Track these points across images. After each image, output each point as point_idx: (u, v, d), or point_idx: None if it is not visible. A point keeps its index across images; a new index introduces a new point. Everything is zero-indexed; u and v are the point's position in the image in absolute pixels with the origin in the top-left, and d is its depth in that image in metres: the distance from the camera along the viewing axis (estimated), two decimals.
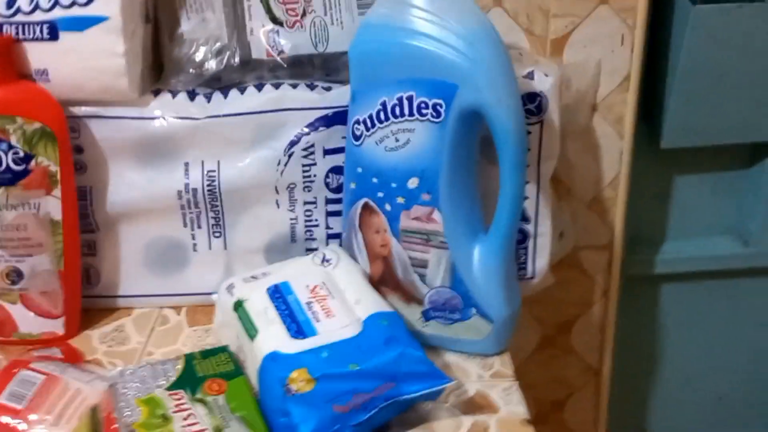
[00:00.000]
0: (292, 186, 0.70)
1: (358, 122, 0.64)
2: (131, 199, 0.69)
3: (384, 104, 0.62)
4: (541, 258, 0.73)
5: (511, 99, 0.59)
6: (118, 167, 0.69)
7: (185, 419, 0.55)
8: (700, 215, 0.98)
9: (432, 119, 0.60)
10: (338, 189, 0.70)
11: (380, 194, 0.64)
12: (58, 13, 0.61)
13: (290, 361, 0.55)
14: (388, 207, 0.64)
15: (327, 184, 0.70)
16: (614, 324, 0.92)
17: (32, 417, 0.55)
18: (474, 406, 0.60)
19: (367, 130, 0.63)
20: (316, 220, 0.72)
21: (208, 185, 0.69)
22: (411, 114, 0.61)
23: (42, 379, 0.58)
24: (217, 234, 0.72)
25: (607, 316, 0.92)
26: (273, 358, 0.56)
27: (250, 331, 0.59)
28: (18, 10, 0.61)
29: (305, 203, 0.71)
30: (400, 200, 0.63)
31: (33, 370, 0.58)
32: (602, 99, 0.81)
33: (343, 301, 0.61)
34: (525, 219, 0.70)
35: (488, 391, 0.61)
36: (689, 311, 1.01)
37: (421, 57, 0.59)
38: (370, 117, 0.63)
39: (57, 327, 0.68)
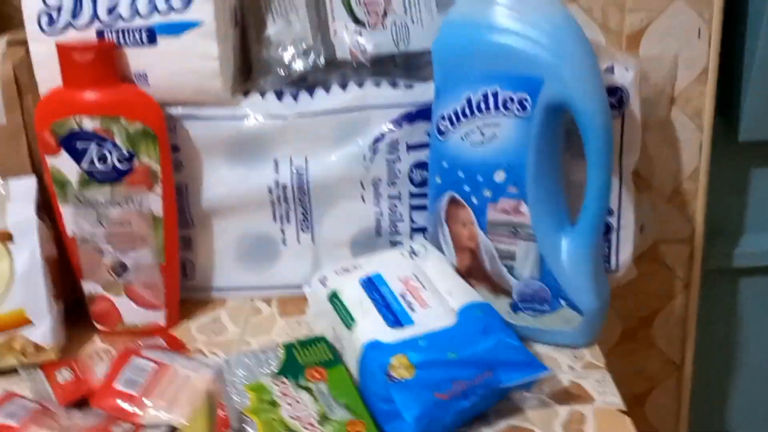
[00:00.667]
0: (377, 181, 0.72)
1: (442, 118, 0.65)
2: (224, 196, 0.72)
3: (469, 100, 0.63)
4: (624, 251, 0.73)
5: (597, 93, 0.60)
6: (212, 165, 0.71)
7: (291, 405, 0.57)
8: None
9: (517, 114, 0.61)
10: (422, 184, 0.72)
11: (466, 188, 0.66)
12: (156, 19, 0.64)
13: (390, 350, 0.57)
14: (474, 200, 0.65)
15: (411, 179, 0.72)
16: (695, 317, 0.92)
17: (147, 402, 0.58)
18: (568, 396, 0.60)
19: (452, 125, 0.65)
20: (401, 214, 0.73)
21: (297, 181, 0.71)
22: (496, 109, 0.62)
23: (153, 367, 0.60)
24: (306, 228, 0.74)
25: (689, 310, 0.91)
26: (373, 346, 0.58)
27: (347, 321, 0.61)
28: (118, 17, 0.64)
29: (390, 198, 0.73)
30: (486, 193, 0.65)
31: (144, 357, 0.61)
32: (680, 92, 0.81)
33: (435, 292, 0.63)
34: (608, 212, 0.71)
35: (581, 381, 0.62)
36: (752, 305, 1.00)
37: (506, 52, 0.61)
38: (455, 112, 0.64)
39: (159, 318, 0.71)
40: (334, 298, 0.64)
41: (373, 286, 0.64)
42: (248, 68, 0.73)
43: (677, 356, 0.95)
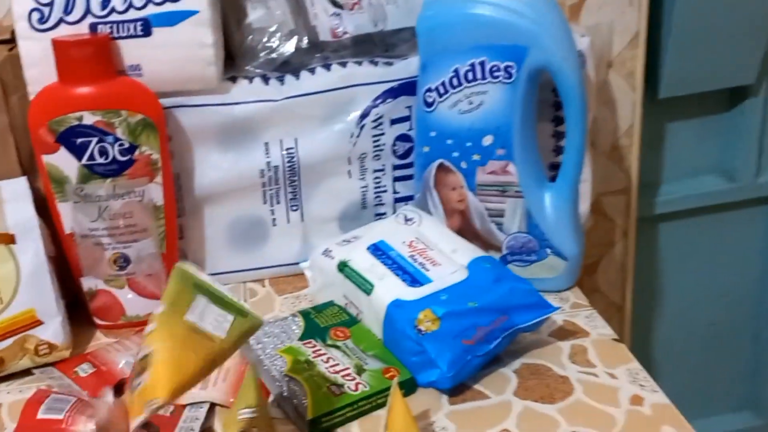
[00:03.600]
0: (363, 156, 0.76)
1: (429, 90, 0.70)
2: (216, 182, 0.74)
3: (456, 71, 0.68)
4: (584, 202, 0.80)
5: (574, 56, 0.66)
6: (203, 152, 0.73)
7: (326, 362, 0.60)
8: (688, 158, 1.08)
9: (504, 81, 0.67)
10: (404, 155, 0.76)
11: (455, 154, 0.71)
12: (150, 10, 0.65)
13: (414, 306, 0.62)
14: (464, 165, 0.71)
15: (394, 152, 0.76)
16: (633, 262, 1.01)
17: None
18: (566, 332, 0.67)
19: (440, 96, 0.70)
20: (385, 186, 0.78)
21: (288, 162, 0.74)
22: (483, 78, 0.68)
23: None
24: (295, 207, 0.77)
25: (627, 256, 1.01)
26: (397, 305, 0.62)
27: (365, 286, 0.65)
28: (112, 10, 0.65)
29: (374, 171, 0.77)
30: (475, 157, 0.70)
31: None
32: (615, 56, 0.90)
33: (440, 251, 0.67)
34: None
35: (573, 319, 0.69)
36: (684, 246, 1.11)
37: (491, 24, 0.66)
38: (443, 84, 0.69)
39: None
40: (344, 268, 0.67)
41: (381, 252, 0.68)
42: (228, 55, 0.75)
43: (618, 298, 1.04)
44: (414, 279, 0.64)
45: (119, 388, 0.61)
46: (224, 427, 0.57)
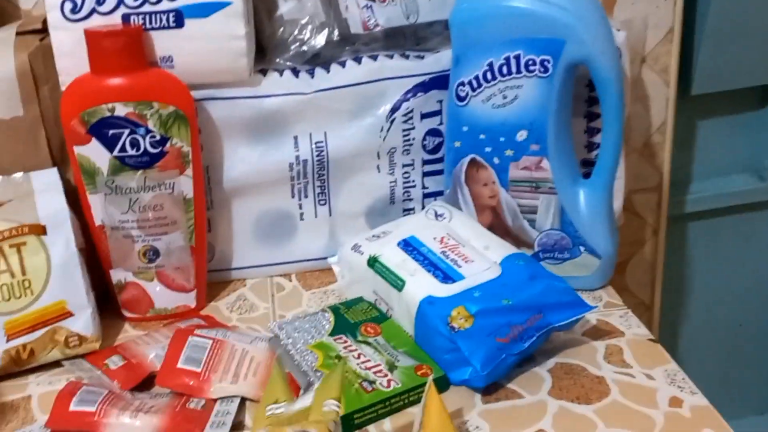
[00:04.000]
0: (392, 151, 0.75)
1: (462, 84, 0.69)
2: (244, 175, 0.73)
3: (491, 65, 0.67)
4: (617, 200, 0.79)
5: (612, 50, 0.65)
6: (233, 145, 0.72)
7: (357, 358, 0.60)
8: (719, 156, 1.06)
9: (540, 75, 0.66)
10: (434, 150, 0.76)
11: (488, 149, 0.70)
12: (183, 1, 0.64)
13: (447, 303, 0.61)
14: (496, 160, 0.70)
15: (424, 146, 0.75)
16: (663, 261, 1.00)
17: (213, 377, 0.59)
18: (601, 332, 0.66)
19: (473, 90, 0.69)
20: (414, 181, 0.77)
21: (317, 156, 0.73)
22: (518, 72, 0.66)
23: (210, 344, 0.62)
24: (323, 202, 0.76)
25: (657, 254, 0.99)
26: (430, 301, 0.61)
27: (396, 282, 0.64)
28: (145, 1, 0.64)
29: (404, 166, 0.76)
30: (508, 153, 0.69)
31: (200, 336, 0.62)
32: (649, 51, 0.88)
33: (472, 248, 0.66)
34: None
35: (607, 318, 0.68)
36: (714, 245, 1.10)
37: (527, 17, 0.65)
38: (476, 78, 0.68)
39: (189, 300, 0.72)
40: (375, 263, 0.67)
41: (412, 247, 0.67)
42: (258, 47, 0.74)
43: (647, 298, 1.03)
44: (446, 275, 0.63)
45: (144, 385, 0.61)
46: (254, 421, 0.56)
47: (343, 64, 0.73)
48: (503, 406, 0.58)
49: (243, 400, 0.60)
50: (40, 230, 0.64)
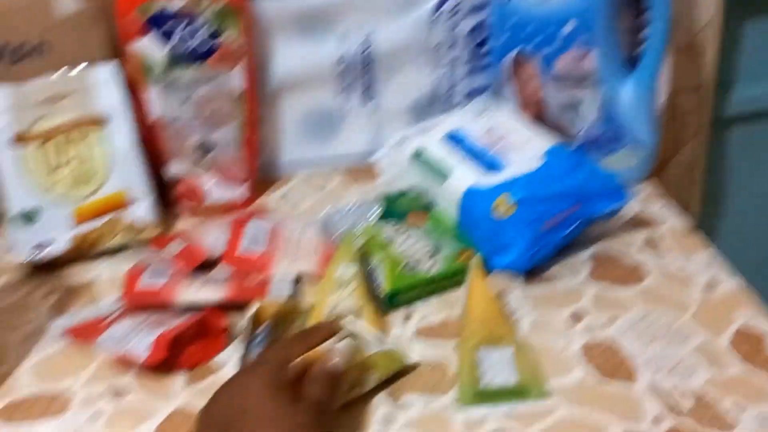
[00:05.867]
0: (438, 46, 0.76)
1: None
2: (293, 71, 0.75)
3: None
4: (661, 97, 0.79)
5: None
6: (281, 41, 0.74)
7: (403, 243, 0.63)
8: (765, 58, 1.04)
9: None
10: (480, 45, 0.76)
11: (534, 43, 0.70)
12: None
13: (491, 192, 0.63)
14: (542, 54, 0.70)
15: (470, 41, 0.76)
16: (703, 163, 1.00)
17: (274, 257, 0.63)
18: (641, 221, 0.68)
19: None
20: (459, 77, 0.78)
21: (364, 51, 0.75)
22: None
23: (268, 228, 0.65)
24: (368, 98, 0.78)
25: (697, 156, 0.99)
26: (473, 191, 0.63)
27: (440, 173, 0.66)
28: None
29: (449, 61, 0.77)
30: (555, 46, 0.69)
31: (258, 221, 0.66)
32: None
33: (516, 140, 0.68)
34: None
35: (648, 209, 0.70)
36: (755, 150, 1.09)
37: None
38: None
39: (241, 193, 0.75)
40: (419, 157, 0.69)
41: (456, 140, 0.69)
42: None
43: (685, 201, 1.04)
44: (490, 166, 0.65)
45: (207, 265, 0.65)
46: (324, 281, 0.59)
47: None
48: (543, 290, 0.61)
49: (297, 278, 0.63)
50: (100, 122, 0.67)
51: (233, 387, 0.46)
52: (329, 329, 0.51)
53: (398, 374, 0.53)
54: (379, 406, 0.51)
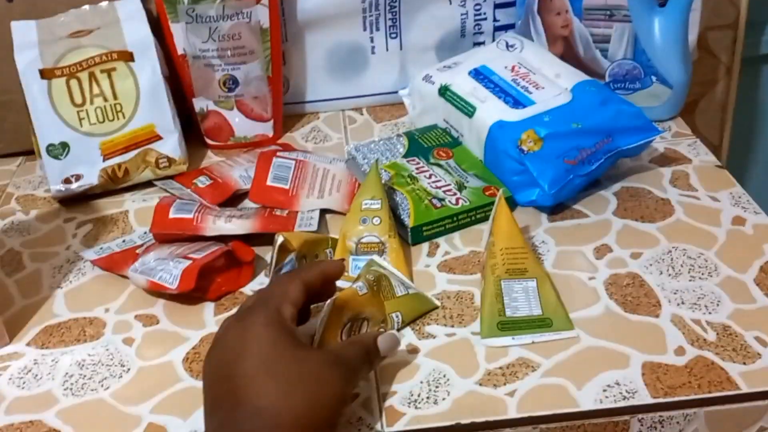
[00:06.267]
0: None
1: None
2: (317, 7, 0.74)
3: None
4: (692, 33, 0.78)
5: None
6: None
7: (428, 178, 0.63)
8: None
9: None
10: None
11: None
12: None
13: (517, 127, 0.62)
14: None
15: None
16: (734, 101, 0.98)
17: (301, 192, 0.63)
18: (668, 159, 0.67)
19: None
20: (485, 13, 0.77)
21: None
22: None
23: (293, 164, 0.65)
24: (394, 35, 0.77)
25: (729, 95, 0.98)
26: (500, 126, 0.63)
27: (466, 109, 0.66)
28: None
29: None
30: None
31: (283, 157, 0.66)
32: None
33: (543, 76, 0.67)
34: None
35: (675, 147, 0.69)
36: None
37: None
38: None
39: (267, 129, 0.75)
40: (446, 92, 0.68)
41: (483, 76, 0.68)
42: None
43: (716, 139, 1.02)
44: (517, 101, 0.65)
45: (234, 200, 0.65)
46: (350, 212, 0.59)
47: None
48: (569, 224, 0.61)
49: (323, 213, 0.64)
50: (127, 56, 0.68)
51: (229, 330, 0.42)
52: (333, 266, 0.48)
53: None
54: (403, 337, 0.52)
